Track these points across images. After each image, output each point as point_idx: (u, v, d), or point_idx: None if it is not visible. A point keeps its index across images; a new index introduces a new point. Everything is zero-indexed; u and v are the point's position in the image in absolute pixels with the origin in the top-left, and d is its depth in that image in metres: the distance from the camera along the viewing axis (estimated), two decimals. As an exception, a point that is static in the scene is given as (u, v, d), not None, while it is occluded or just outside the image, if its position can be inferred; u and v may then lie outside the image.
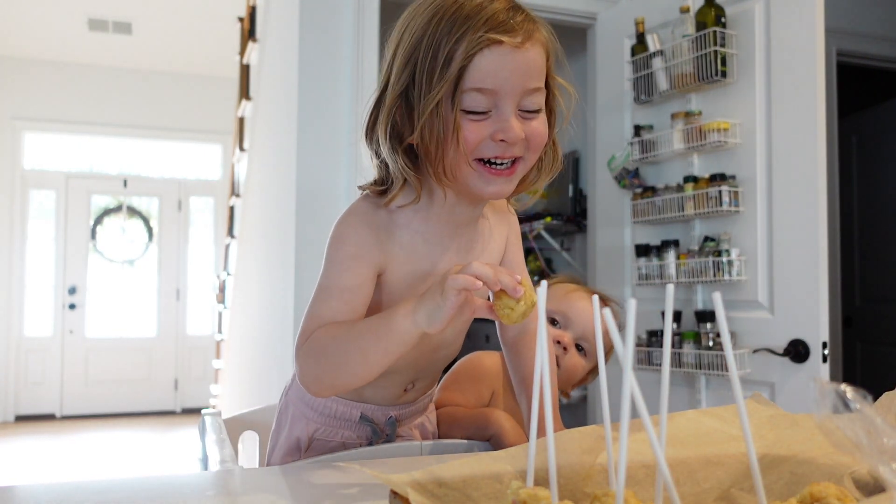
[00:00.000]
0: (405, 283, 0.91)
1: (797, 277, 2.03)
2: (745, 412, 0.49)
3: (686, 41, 2.27)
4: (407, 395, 1.03)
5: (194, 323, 6.70)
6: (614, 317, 1.29)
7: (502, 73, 0.80)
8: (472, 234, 0.96)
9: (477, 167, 0.83)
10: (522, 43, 0.80)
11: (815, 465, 0.61)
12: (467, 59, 0.79)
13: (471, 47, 0.78)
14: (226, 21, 5.14)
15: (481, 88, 0.80)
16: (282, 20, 2.98)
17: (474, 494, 0.55)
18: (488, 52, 0.79)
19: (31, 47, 5.97)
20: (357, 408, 1.00)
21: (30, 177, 6.31)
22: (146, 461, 4.84)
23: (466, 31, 0.78)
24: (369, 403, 1.01)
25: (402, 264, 0.90)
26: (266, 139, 3.36)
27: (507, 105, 0.81)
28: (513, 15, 0.81)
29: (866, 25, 3.20)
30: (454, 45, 0.79)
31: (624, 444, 0.43)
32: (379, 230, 0.89)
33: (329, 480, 0.73)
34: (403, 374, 1.00)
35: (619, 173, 2.59)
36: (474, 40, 0.78)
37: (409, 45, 0.83)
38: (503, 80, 0.80)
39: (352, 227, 0.89)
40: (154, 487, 0.71)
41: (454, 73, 0.79)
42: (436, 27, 0.80)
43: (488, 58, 0.79)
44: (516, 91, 0.81)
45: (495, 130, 0.81)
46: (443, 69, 0.79)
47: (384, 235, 0.89)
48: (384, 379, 0.97)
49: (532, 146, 0.85)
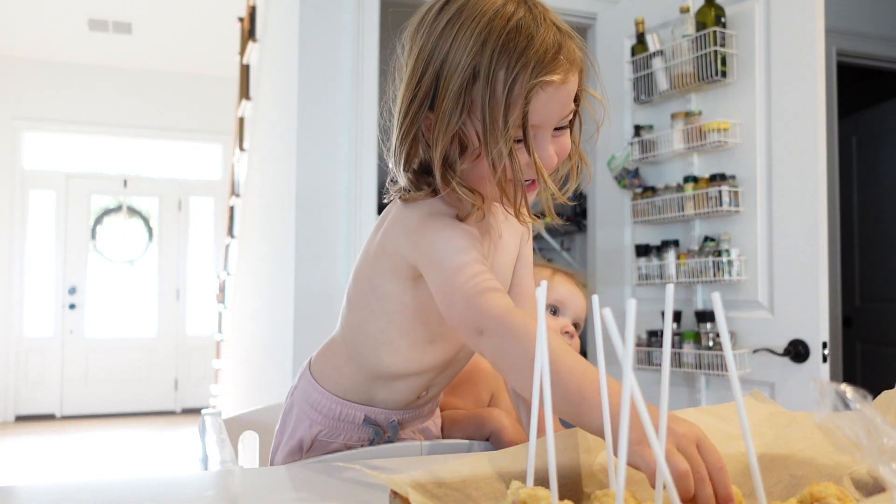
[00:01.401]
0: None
1: (797, 277, 2.03)
2: (745, 413, 0.49)
3: (686, 41, 2.27)
4: (418, 401, 1.02)
5: (194, 323, 6.70)
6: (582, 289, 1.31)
7: (549, 108, 0.82)
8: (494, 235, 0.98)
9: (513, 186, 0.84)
10: (566, 77, 0.82)
11: (815, 466, 0.61)
12: (527, 100, 0.79)
13: (528, 89, 0.79)
14: (226, 21, 5.14)
15: (534, 125, 0.82)
16: (282, 20, 2.98)
17: (474, 494, 0.55)
18: (541, 92, 0.80)
19: (31, 47, 5.97)
20: (362, 410, 1.00)
21: (30, 177, 6.31)
22: (146, 461, 4.84)
23: (523, 68, 0.79)
24: (377, 407, 1.00)
25: None
26: (266, 139, 3.36)
27: (545, 135, 0.84)
28: (559, 47, 0.81)
29: (866, 25, 3.20)
30: (511, 83, 0.79)
31: (624, 445, 0.43)
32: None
33: (329, 480, 0.73)
34: (423, 380, 1.00)
35: (619, 173, 2.59)
36: (531, 85, 0.79)
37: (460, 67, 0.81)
38: (548, 115, 0.82)
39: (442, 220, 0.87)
40: (154, 487, 0.71)
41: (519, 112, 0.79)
42: (490, 57, 0.80)
43: (541, 98, 0.80)
44: (556, 121, 0.84)
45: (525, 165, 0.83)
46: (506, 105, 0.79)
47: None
48: (402, 383, 0.98)
49: (560, 159, 0.87)
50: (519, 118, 0.80)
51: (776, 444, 0.66)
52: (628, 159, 2.53)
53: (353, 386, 1.00)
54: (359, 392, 1.00)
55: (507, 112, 0.80)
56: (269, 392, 2.85)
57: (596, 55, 2.86)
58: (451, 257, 0.82)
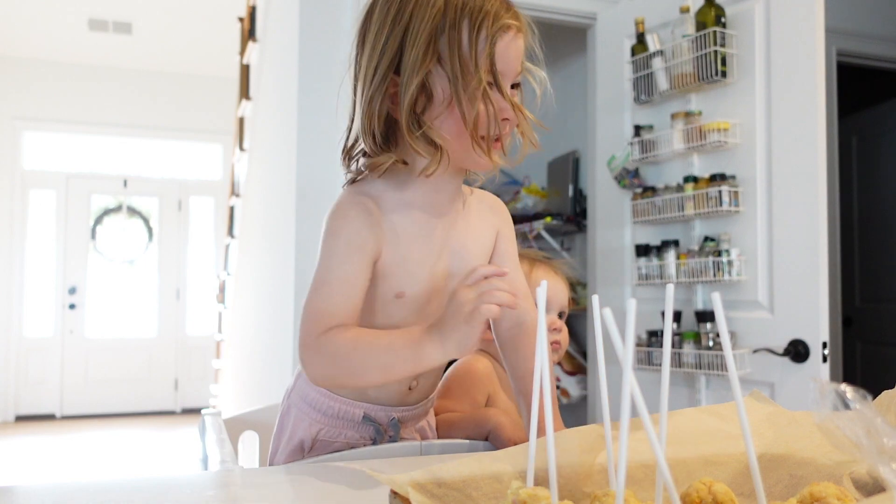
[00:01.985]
0: (400, 268, 0.94)
1: (797, 277, 2.03)
2: (745, 413, 0.49)
3: (686, 41, 2.27)
4: (411, 395, 1.02)
5: (194, 323, 6.70)
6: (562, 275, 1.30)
7: (509, 55, 0.89)
8: (455, 214, 1.00)
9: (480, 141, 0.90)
10: (519, 30, 0.90)
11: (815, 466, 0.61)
12: (492, 44, 0.87)
13: (493, 32, 0.87)
14: (226, 21, 5.14)
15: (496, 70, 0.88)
16: (282, 20, 2.98)
17: (474, 494, 0.55)
18: (504, 35, 0.88)
19: (32, 47, 5.97)
20: (360, 407, 1.00)
21: (30, 177, 6.31)
22: (146, 461, 4.84)
23: (485, 17, 0.86)
24: (372, 403, 1.00)
25: (395, 247, 0.93)
26: (266, 139, 3.36)
27: (506, 86, 0.90)
28: (508, 6, 0.90)
29: (866, 25, 3.20)
30: (477, 31, 0.86)
31: (624, 444, 0.43)
32: (370, 215, 0.92)
33: (329, 480, 0.73)
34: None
35: (619, 173, 2.59)
36: (496, 25, 0.87)
37: (427, 30, 0.87)
38: (508, 62, 0.89)
39: (344, 219, 0.92)
40: (154, 487, 0.71)
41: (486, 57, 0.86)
42: (454, 10, 0.87)
43: (504, 41, 0.88)
44: (513, 72, 0.91)
45: (500, 108, 0.89)
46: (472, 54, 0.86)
47: (374, 220, 0.92)
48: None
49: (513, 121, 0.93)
50: (487, 61, 0.87)
51: (776, 444, 0.66)
52: (628, 159, 2.53)
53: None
54: (351, 388, 1.00)
55: (476, 57, 0.87)
56: (269, 392, 2.85)
57: (596, 55, 2.86)
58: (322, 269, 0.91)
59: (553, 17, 2.84)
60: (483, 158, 0.91)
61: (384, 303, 0.95)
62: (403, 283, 0.94)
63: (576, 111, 3.69)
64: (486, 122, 0.88)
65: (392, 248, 0.93)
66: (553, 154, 3.92)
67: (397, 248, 0.93)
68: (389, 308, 0.95)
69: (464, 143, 0.90)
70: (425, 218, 0.96)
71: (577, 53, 3.59)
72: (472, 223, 1.02)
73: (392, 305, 0.95)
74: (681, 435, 0.66)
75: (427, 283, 0.96)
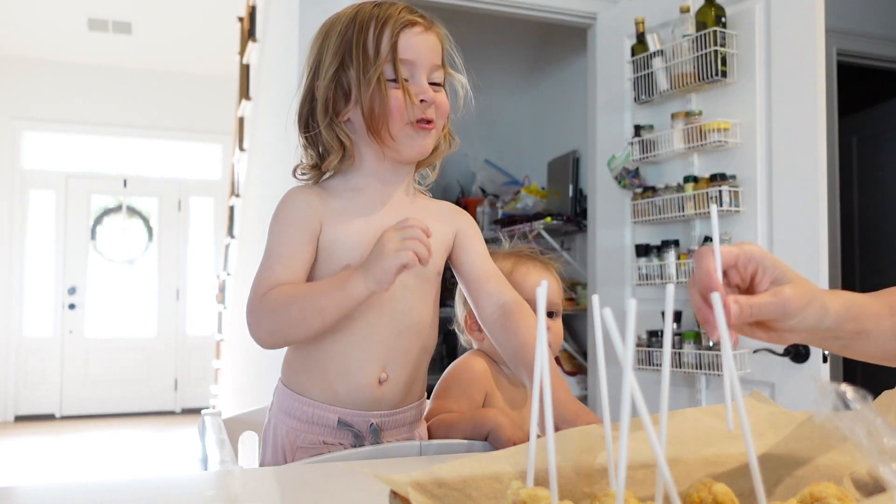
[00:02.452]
0: (344, 244, 1.01)
1: (797, 277, 2.02)
2: (745, 413, 0.48)
3: (686, 41, 2.27)
4: (383, 390, 1.03)
5: (194, 323, 6.70)
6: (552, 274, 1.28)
7: (417, 47, 1.00)
8: (405, 205, 1.07)
9: (408, 128, 1.00)
10: (427, 28, 1.02)
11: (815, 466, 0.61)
12: (395, 36, 0.98)
13: (396, 28, 0.99)
14: (226, 21, 5.14)
15: (404, 59, 0.99)
16: (282, 20, 2.98)
17: (474, 494, 0.55)
18: (408, 30, 1.00)
19: (31, 47, 5.97)
20: (333, 412, 1.01)
21: (30, 177, 6.31)
22: (146, 461, 4.84)
23: (388, 19, 1.00)
24: (345, 407, 1.01)
25: (339, 224, 1.02)
26: (266, 139, 3.36)
27: (421, 74, 1.01)
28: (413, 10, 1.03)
29: (866, 25, 3.20)
30: (380, 31, 0.99)
31: (624, 444, 0.43)
32: (312, 200, 1.02)
33: (328, 480, 0.73)
34: (373, 359, 1.01)
35: (619, 173, 2.59)
36: (398, 22, 0.99)
37: (338, 40, 1.02)
38: (418, 52, 1.00)
39: (284, 203, 1.03)
40: (154, 487, 0.71)
41: (388, 49, 0.98)
42: (361, 23, 1.01)
43: (407, 35, 1.00)
44: (427, 64, 1.01)
45: (416, 93, 0.99)
46: (376, 49, 0.98)
47: (318, 203, 1.02)
48: (353, 363, 1.00)
49: (441, 113, 1.03)
50: (390, 53, 0.98)
51: (776, 444, 0.66)
52: (628, 159, 2.53)
53: (312, 382, 1.02)
54: (320, 387, 1.01)
55: (378, 49, 0.99)
56: (269, 392, 2.84)
57: (596, 55, 2.86)
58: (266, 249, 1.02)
59: (553, 17, 2.84)
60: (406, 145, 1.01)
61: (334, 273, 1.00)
62: (349, 256, 1.01)
63: (576, 111, 3.69)
64: (403, 108, 0.98)
65: (334, 225, 1.02)
66: (553, 154, 3.92)
67: (340, 224, 1.02)
68: None
69: (385, 135, 0.99)
70: (371, 203, 1.05)
71: (577, 53, 3.59)
72: (426, 217, 1.05)
73: None
74: (681, 435, 0.66)
75: None
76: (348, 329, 1.01)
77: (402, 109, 0.98)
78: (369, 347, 1.02)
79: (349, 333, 1.01)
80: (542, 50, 4.12)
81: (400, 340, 1.04)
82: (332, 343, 1.01)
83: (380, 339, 1.02)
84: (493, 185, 4.20)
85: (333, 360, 1.01)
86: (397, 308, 1.03)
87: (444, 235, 1.09)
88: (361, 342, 1.01)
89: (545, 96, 4.29)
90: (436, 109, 1.01)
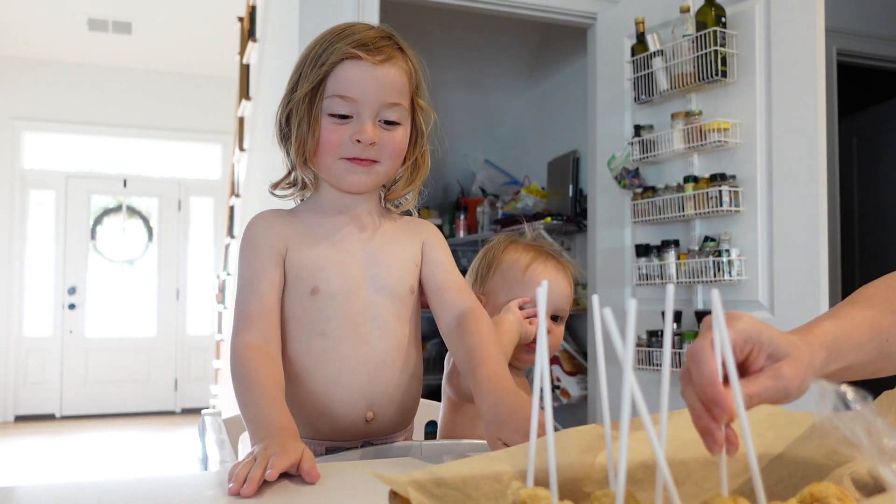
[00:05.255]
0: (308, 268, 0.99)
1: (797, 277, 2.03)
2: (745, 413, 0.49)
3: (686, 41, 2.27)
4: (371, 427, 0.99)
5: (194, 323, 6.70)
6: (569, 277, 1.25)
7: (361, 84, 0.95)
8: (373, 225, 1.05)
9: (341, 162, 0.97)
10: (382, 62, 0.95)
11: (815, 466, 0.61)
12: (330, 66, 0.94)
13: (336, 57, 0.94)
14: (226, 21, 5.14)
15: (343, 95, 0.95)
16: (282, 20, 2.98)
17: (474, 494, 0.55)
18: (350, 64, 0.94)
19: (32, 47, 5.97)
20: (321, 445, 0.99)
21: (30, 177, 6.31)
22: (146, 461, 4.84)
23: (337, 46, 0.95)
24: (331, 440, 0.99)
25: (303, 248, 0.99)
26: (266, 139, 3.35)
27: (365, 112, 0.95)
28: (379, 41, 0.97)
29: (866, 25, 3.20)
30: (327, 56, 0.95)
31: (624, 444, 0.43)
32: (274, 224, 1.01)
33: (328, 480, 0.73)
34: (356, 398, 0.98)
35: (619, 173, 2.59)
36: (339, 51, 0.94)
37: (298, 63, 1.00)
38: (362, 90, 0.95)
39: (250, 229, 1.01)
40: (154, 487, 0.71)
41: (319, 76, 0.95)
42: (319, 43, 0.97)
43: (348, 69, 0.95)
44: (374, 102, 0.95)
45: (353, 133, 0.95)
46: (318, 81, 0.95)
47: (280, 226, 1.00)
48: (335, 405, 0.97)
49: (388, 153, 0.98)
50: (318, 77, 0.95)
51: (776, 444, 0.66)
52: (628, 159, 2.53)
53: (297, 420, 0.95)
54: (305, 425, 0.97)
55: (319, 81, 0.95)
56: (269, 392, 2.84)
57: (596, 55, 2.86)
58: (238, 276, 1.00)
59: (553, 17, 2.84)
60: (342, 178, 0.98)
61: (302, 299, 0.98)
62: (316, 278, 0.98)
63: (576, 111, 3.69)
64: (334, 144, 0.96)
65: (300, 246, 0.99)
66: (553, 154, 3.92)
67: (304, 249, 0.99)
68: (307, 305, 0.98)
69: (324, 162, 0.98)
70: (336, 223, 1.02)
71: (577, 53, 3.59)
72: (394, 235, 1.05)
73: (310, 302, 0.98)
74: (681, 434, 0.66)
75: (340, 280, 0.98)
76: (323, 367, 0.97)
77: (332, 146, 0.96)
78: (350, 385, 0.97)
79: (324, 372, 0.97)
80: (542, 50, 4.12)
81: (381, 371, 0.99)
82: (311, 384, 0.97)
83: (359, 374, 0.98)
84: (493, 185, 4.20)
85: (314, 404, 0.98)
86: (372, 335, 0.99)
87: (412, 250, 1.05)
88: (340, 381, 0.97)
89: (545, 96, 4.29)
90: (381, 149, 0.96)
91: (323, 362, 0.97)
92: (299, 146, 0.98)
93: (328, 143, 0.96)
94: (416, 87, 1.01)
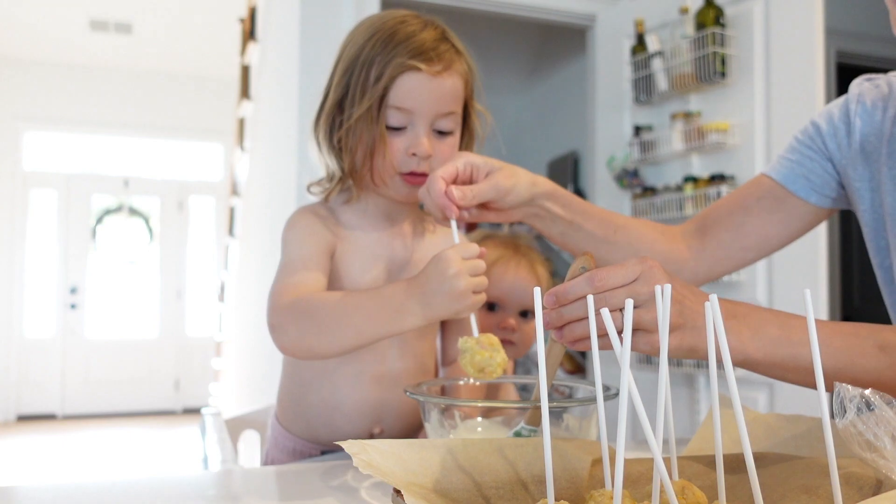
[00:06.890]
0: (349, 275, 0.95)
1: (797, 277, 2.03)
2: (742, 414, 0.49)
3: (685, 42, 2.27)
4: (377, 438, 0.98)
5: (195, 323, 6.70)
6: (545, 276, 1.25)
7: (419, 96, 0.91)
8: (418, 235, 1.02)
9: (398, 177, 0.94)
10: (441, 72, 0.92)
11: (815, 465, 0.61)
12: (391, 80, 0.90)
13: (395, 71, 0.90)
14: (226, 21, 5.14)
15: (400, 107, 0.91)
16: (282, 20, 2.99)
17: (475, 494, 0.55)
18: (409, 76, 0.90)
19: (32, 47, 5.98)
20: (317, 448, 0.99)
21: (30, 177, 6.32)
22: (146, 461, 4.84)
23: (395, 55, 0.90)
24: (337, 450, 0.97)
25: (350, 254, 0.96)
26: (266, 139, 3.36)
27: (420, 123, 0.92)
28: (437, 45, 0.93)
29: (866, 26, 3.20)
30: (384, 66, 0.90)
31: (622, 445, 0.44)
32: (325, 219, 0.97)
33: (329, 480, 0.73)
34: (364, 413, 0.96)
35: (619, 173, 2.59)
36: (399, 64, 0.89)
37: (349, 58, 0.94)
38: (419, 102, 0.91)
39: (301, 215, 0.98)
40: (154, 487, 0.72)
41: (380, 91, 0.90)
42: (372, 46, 0.92)
43: (408, 81, 0.90)
44: (430, 113, 0.92)
45: (408, 145, 0.92)
46: (374, 85, 0.90)
47: (331, 223, 0.97)
48: (340, 419, 0.96)
49: (439, 163, 0.92)
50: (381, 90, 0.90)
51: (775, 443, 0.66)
52: (628, 159, 2.53)
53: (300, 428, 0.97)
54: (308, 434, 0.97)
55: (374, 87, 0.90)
56: (269, 392, 2.85)
57: (596, 55, 2.86)
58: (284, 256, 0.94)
59: (553, 17, 2.84)
60: (396, 191, 0.95)
61: None
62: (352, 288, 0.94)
63: (576, 111, 3.69)
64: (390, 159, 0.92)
65: (347, 254, 0.96)
66: (553, 154, 3.92)
67: (352, 255, 0.96)
68: None
69: (376, 171, 0.93)
70: (380, 234, 0.99)
71: (577, 54, 3.59)
72: (437, 243, 1.03)
73: None
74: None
75: None
76: (337, 379, 0.95)
77: (388, 161, 0.92)
78: (361, 400, 0.95)
79: (337, 384, 0.95)
80: (542, 50, 4.13)
81: (395, 388, 0.96)
82: (322, 393, 0.95)
83: (372, 391, 0.95)
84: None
85: (320, 414, 0.96)
86: (390, 353, 0.96)
87: None
88: (353, 396, 0.95)
89: (545, 96, 4.29)
90: (433, 160, 0.93)
91: (337, 375, 0.95)
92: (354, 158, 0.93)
93: (392, 155, 0.91)
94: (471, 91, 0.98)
